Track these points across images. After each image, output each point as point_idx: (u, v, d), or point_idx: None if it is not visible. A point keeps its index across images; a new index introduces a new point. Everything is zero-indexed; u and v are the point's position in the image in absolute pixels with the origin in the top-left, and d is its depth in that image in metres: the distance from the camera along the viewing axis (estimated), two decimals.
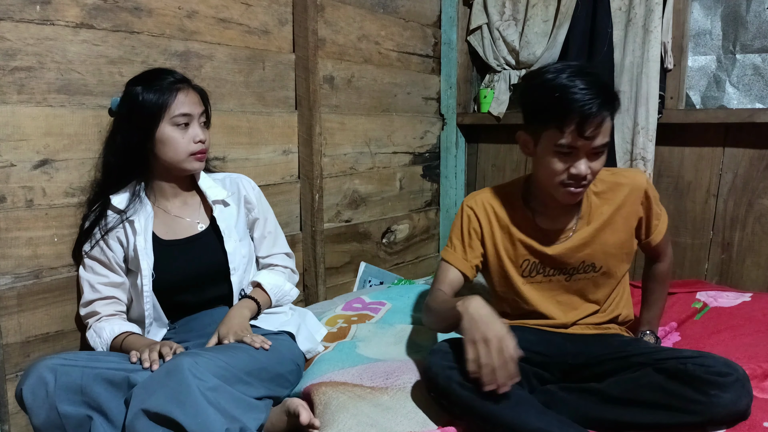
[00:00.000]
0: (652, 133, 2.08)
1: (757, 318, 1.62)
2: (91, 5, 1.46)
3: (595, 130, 1.22)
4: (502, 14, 2.50)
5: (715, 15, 2.11)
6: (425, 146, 2.62)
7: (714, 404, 1.11)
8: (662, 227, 1.46)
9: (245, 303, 1.47)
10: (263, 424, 1.22)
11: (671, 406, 1.14)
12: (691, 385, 1.13)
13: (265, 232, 1.62)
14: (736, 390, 1.12)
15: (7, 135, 1.34)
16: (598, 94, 1.21)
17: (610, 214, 1.41)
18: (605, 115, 1.23)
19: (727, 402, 1.11)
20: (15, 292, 1.38)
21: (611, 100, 1.24)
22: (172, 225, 1.47)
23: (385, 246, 2.44)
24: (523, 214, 1.44)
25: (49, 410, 1.13)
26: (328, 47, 2.08)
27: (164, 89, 1.38)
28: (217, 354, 1.22)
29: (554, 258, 1.42)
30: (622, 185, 1.41)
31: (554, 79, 1.25)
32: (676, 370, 1.16)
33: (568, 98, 1.22)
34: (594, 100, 1.20)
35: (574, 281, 1.44)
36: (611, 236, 1.41)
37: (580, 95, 1.21)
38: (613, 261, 1.43)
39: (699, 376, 1.13)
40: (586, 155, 1.26)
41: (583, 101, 1.21)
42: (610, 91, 1.26)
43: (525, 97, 1.36)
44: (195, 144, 1.42)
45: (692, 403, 1.12)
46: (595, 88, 1.22)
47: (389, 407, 1.26)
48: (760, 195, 2.01)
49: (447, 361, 1.23)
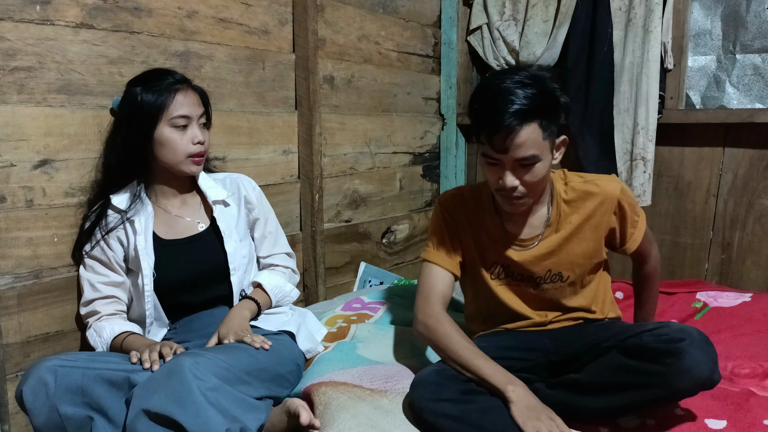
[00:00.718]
0: (652, 133, 2.08)
1: (757, 318, 1.62)
2: (91, 5, 1.46)
3: (507, 143, 1.18)
4: (502, 14, 2.50)
5: (715, 15, 2.11)
6: (425, 146, 2.62)
7: (673, 372, 1.09)
8: (638, 235, 1.40)
9: (245, 304, 1.47)
10: (263, 424, 1.22)
11: (636, 384, 1.14)
12: (647, 358, 1.13)
13: (265, 232, 1.62)
14: (692, 354, 1.09)
15: (7, 135, 1.34)
16: (514, 105, 1.15)
17: (578, 223, 1.36)
18: (515, 125, 1.16)
19: (685, 367, 1.09)
20: (15, 292, 1.37)
21: (534, 113, 1.17)
22: (172, 225, 1.47)
23: (385, 246, 2.44)
24: (492, 217, 1.41)
25: (50, 411, 1.13)
26: (328, 47, 2.08)
27: (163, 90, 1.37)
28: (218, 354, 1.22)
29: (520, 264, 1.38)
30: (593, 194, 1.36)
31: (488, 86, 1.22)
32: (633, 346, 1.17)
33: (481, 110, 1.20)
34: (503, 114, 1.15)
35: (542, 290, 1.41)
36: (578, 246, 1.37)
37: (491, 108, 1.17)
38: (579, 270, 1.39)
39: (653, 347, 1.13)
40: (512, 168, 1.22)
41: (491, 114, 1.17)
42: (538, 104, 1.18)
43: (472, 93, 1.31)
44: (194, 146, 1.41)
45: (654, 376, 1.11)
46: (518, 100, 1.16)
47: (388, 411, 1.26)
48: (760, 195, 2.01)
49: (430, 393, 1.19)
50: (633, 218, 1.39)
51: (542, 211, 1.38)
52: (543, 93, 1.19)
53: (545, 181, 1.30)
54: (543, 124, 1.19)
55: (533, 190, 1.26)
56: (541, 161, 1.22)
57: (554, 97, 1.22)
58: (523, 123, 1.16)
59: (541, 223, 1.38)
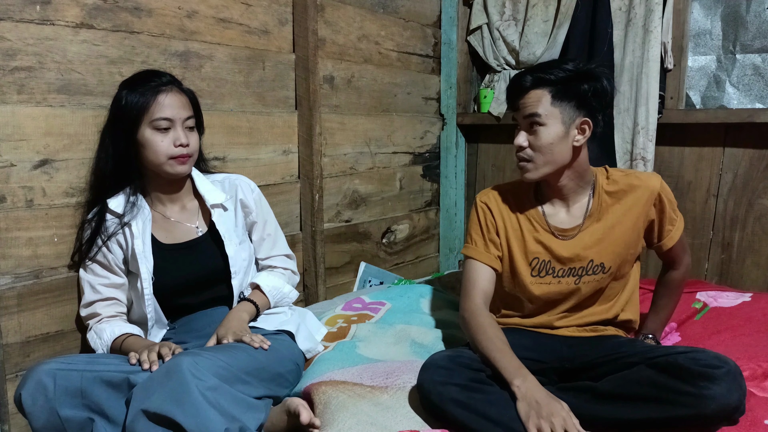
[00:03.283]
0: (652, 133, 2.08)
1: (757, 318, 1.62)
2: (91, 5, 1.46)
3: (517, 102, 1.36)
4: (502, 14, 2.50)
5: (715, 15, 2.11)
6: (425, 146, 2.62)
7: (704, 396, 1.10)
8: (676, 233, 1.45)
9: (243, 306, 1.47)
10: (263, 423, 1.22)
11: (661, 399, 1.14)
12: (680, 377, 1.13)
13: (264, 234, 1.61)
14: (727, 382, 1.11)
15: (7, 135, 1.34)
16: (533, 71, 1.35)
17: (621, 213, 1.41)
18: (526, 84, 1.34)
19: (717, 394, 1.10)
20: (15, 292, 1.38)
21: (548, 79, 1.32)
22: (171, 229, 1.47)
23: (385, 246, 2.44)
24: (534, 212, 1.45)
25: (49, 414, 1.14)
26: (328, 47, 2.08)
27: (146, 92, 1.36)
28: (217, 354, 1.22)
29: (565, 257, 1.42)
30: (636, 186, 1.41)
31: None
32: (666, 363, 1.17)
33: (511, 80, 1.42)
34: (522, 76, 1.36)
35: (583, 284, 1.42)
36: (621, 236, 1.41)
37: (516, 75, 1.39)
38: (620, 261, 1.42)
39: (689, 368, 1.13)
40: (524, 128, 1.37)
41: (514, 78, 1.39)
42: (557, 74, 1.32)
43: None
44: (176, 148, 1.38)
45: (682, 395, 1.12)
46: (541, 67, 1.36)
47: (389, 407, 1.26)
48: (760, 195, 2.01)
49: (440, 376, 1.21)
50: (671, 215, 1.44)
51: (583, 202, 1.43)
52: (572, 70, 1.33)
53: (554, 151, 1.35)
54: (554, 93, 1.33)
55: (539, 155, 1.36)
56: (545, 126, 1.33)
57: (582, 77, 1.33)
58: (533, 86, 1.34)
59: (581, 214, 1.43)
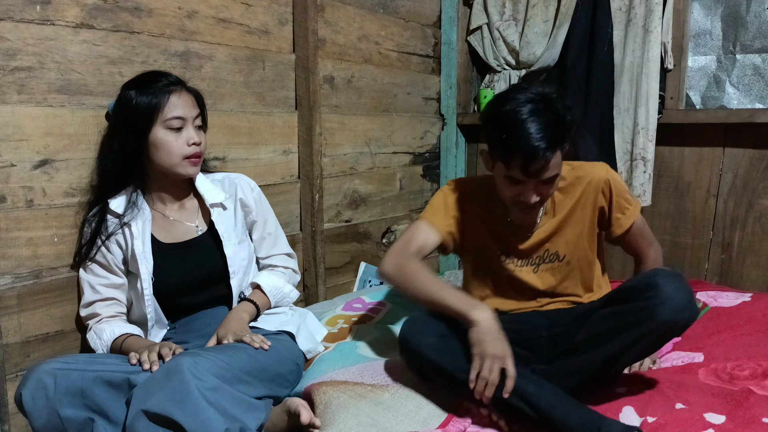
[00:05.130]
0: (652, 133, 2.08)
1: (757, 318, 1.62)
2: (91, 5, 1.46)
3: (539, 170, 1.27)
4: (502, 14, 2.50)
5: (715, 15, 2.11)
6: (425, 146, 2.62)
7: (656, 304, 1.17)
8: (626, 221, 1.46)
9: (244, 307, 1.47)
10: (263, 423, 1.22)
11: (625, 325, 1.21)
12: (629, 298, 1.22)
13: (264, 233, 1.61)
14: (667, 283, 1.18)
15: (7, 135, 1.34)
16: (544, 138, 1.23)
17: (571, 206, 1.45)
18: (549, 156, 1.25)
19: (664, 297, 1.16)
20: (15, 292, 1.37)
21: (559, 140, 1.27)
22: (170, 229, 1.47)
23: (385, 246, 2.44)
24: (497, 207, 1.48)
25: (50, 414, 1.14)
26: (328, 47, 2.08)
27: (157, 92, 1.36)
28: (217, 354, 1.22)
29: (522, 250, 1.48)
30: (581, 177, 1.45)
31: (509, 115, 1.27)
32: (613, 295, 1.29)
33: (514, 141, 1.25)
34: (539, 144, 1.23)
35: (541, 272, 1.48)
36: (573, 227, 1.46)
37: (526, 140, 1.23)
38: (573, 249, 1.46)
39: (632, 286, 1.24)
40: (535, 186, 1.31)
41: (528, 146, 1.23)
42: (560, 130, 1.27)
43: (484, 121, 1.36)
44: (189, 147, 1.39)
45: (638, 312, 1.19)
46: (545, 130, 1.24)
47: (390, 406, 1.26)
48: (760, 195, 2.01)
49: (418, 326, 1.31)
50: (620, 203, 1.46)
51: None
52: (560, 118, 1.28)
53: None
54: (563, 147, 1.30)
55: (547, 198, 1.37)
56: (559, 175, 1.34)
57: (567, 120, 1.30)
58: (554, 152, 1.26)
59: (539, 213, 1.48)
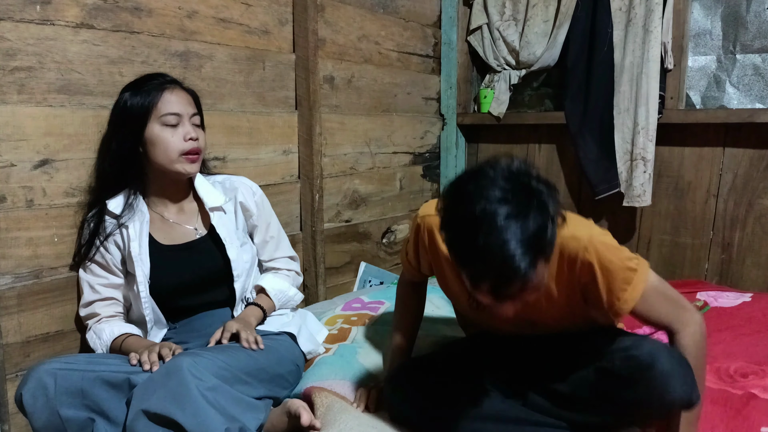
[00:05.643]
0: (652, 133, 2.08)
1: (757, 318, 1.62)
2: (91, 5, 1.46)
3: (518, 292, 0.92)
4: (502, 14, 2.50)
5: (715, 15, 2.11)
6: (425, 146, 2.62)
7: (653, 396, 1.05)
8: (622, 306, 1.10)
9: (251, 311, 1.46)
10: (263, 423, 1.22)
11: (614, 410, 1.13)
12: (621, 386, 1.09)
13: (267, 236, 1.60)
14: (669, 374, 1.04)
15: (7, 135, 1.34)
16: (526, 253, 0.88)
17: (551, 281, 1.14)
18: (531, 275, 0.90)
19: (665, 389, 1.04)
20: (15, 292, 1.37)
21: (543, 251, 0.92)
22: (169, 231, 1.46)
23: (385, 246, 2.44)
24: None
25: (50, 414, 1.14)
26: (328, 47, 2.08)
27: (151, 90, 1.37)
28: (217, 354, 1.22)
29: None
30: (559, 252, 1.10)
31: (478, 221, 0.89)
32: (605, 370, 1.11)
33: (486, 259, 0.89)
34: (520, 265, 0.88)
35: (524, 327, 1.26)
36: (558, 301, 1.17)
37: (502, 259, 0.88)
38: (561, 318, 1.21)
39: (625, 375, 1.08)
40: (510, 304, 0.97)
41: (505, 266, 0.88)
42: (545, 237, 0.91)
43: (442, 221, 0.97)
44: (186, 142, 1.38)
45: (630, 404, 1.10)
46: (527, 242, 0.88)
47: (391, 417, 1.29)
48: (760, 195, 2.01)
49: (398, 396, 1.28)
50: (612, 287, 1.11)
51: None
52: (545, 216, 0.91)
53: None
54: (548, 257, 0.95)
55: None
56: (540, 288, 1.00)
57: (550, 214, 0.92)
58: (535, 268, 0.90)
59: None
